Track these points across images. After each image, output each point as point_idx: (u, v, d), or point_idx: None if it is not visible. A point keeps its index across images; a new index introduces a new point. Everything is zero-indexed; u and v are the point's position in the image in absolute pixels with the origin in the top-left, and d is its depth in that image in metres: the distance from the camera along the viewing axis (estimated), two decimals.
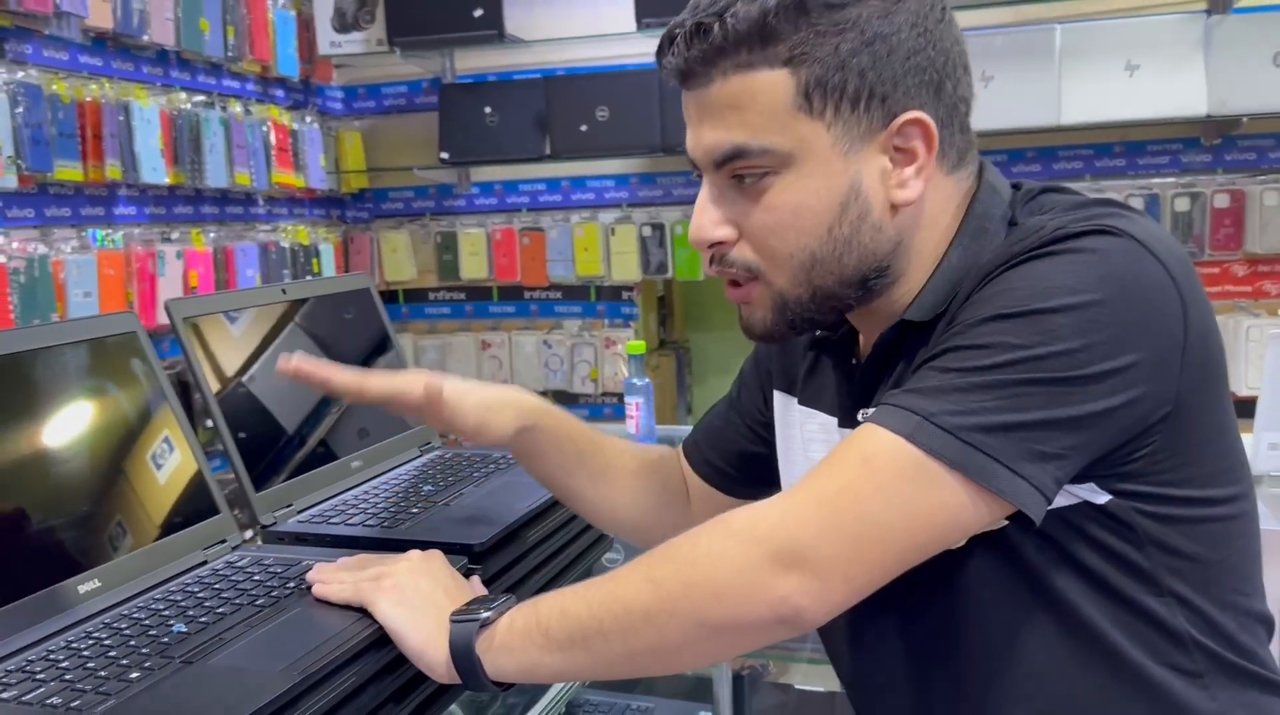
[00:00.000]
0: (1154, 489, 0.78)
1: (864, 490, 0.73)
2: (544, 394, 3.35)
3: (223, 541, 1.04)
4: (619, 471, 1.14)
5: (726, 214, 0.85)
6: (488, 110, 3.10)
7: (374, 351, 1.38)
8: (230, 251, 2.80)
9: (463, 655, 0.83)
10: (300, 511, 1.15)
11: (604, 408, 3.34)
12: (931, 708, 0.88)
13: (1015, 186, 0.90)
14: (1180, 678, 0.81)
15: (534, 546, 1.12)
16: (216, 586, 0.94)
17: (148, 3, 2.48)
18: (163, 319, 2.47)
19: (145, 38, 2.49)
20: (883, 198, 0.83)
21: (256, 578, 0.96)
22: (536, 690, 1.28)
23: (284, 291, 1.26)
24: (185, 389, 1.30)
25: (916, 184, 0.83)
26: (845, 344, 0.96)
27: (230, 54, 2.79)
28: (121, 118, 2.40)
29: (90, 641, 0.83)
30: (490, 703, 1.61)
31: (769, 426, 1.10)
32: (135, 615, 0.88)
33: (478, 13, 2.99)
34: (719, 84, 0.82)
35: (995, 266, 0.79)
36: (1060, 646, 0.80)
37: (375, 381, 1.02)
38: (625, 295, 3.32)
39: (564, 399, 3.38)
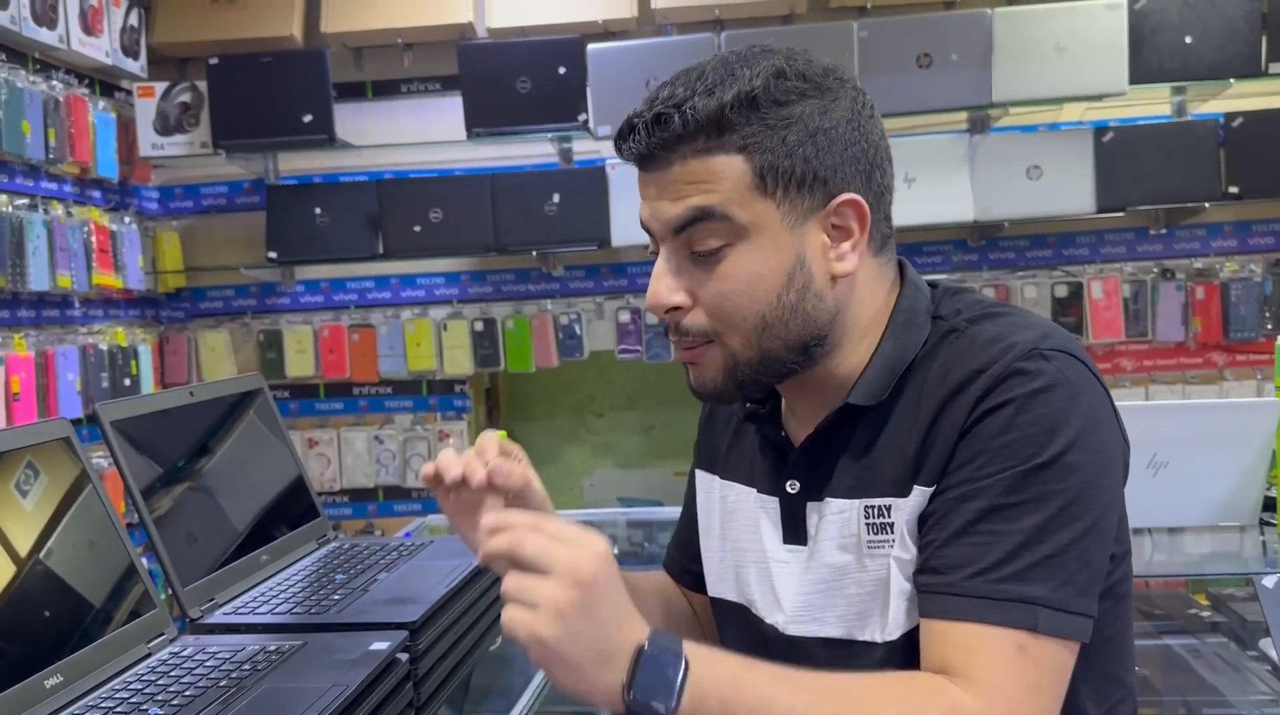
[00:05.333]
0: None
1: (1041, 695, 0.82)
2: (374, 490, 3.39)
3: (161, 635, 1.09)
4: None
5: (682, 283, 0.92)
6: (318, 211, 3.17)
7: (272, 445, 1.44)
8: (50, 355, 2.72)
9: None
10: (222, 605, 1.20)
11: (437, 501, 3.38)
12: None
13: (931, 284, 1.02)
14: None
15: (460, 617, 1.22)
16: (173, 674, 0.99)
17: None
18: None
19: None
20: (824, 270, 0.92)
21: (209, 664, 1.01)
22: None
23: (191, 393, 1.32)
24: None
25: (852, 258, 0.93)
26: (770, 419, 1.03)
27: (51, 156, 2.75)
28: None
29: None
30: None
31: None
32: (105, 704, 0.92)
33: (307, 118, 3.07)
34: (679, 167, 0.90)
35: (983, 392, 0.87)
36: None
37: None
38: (458, 388, 3.42)
39: (397, 494, 3.41)
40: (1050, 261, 3.27)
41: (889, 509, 0.92)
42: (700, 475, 1.15)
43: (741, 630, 1.07)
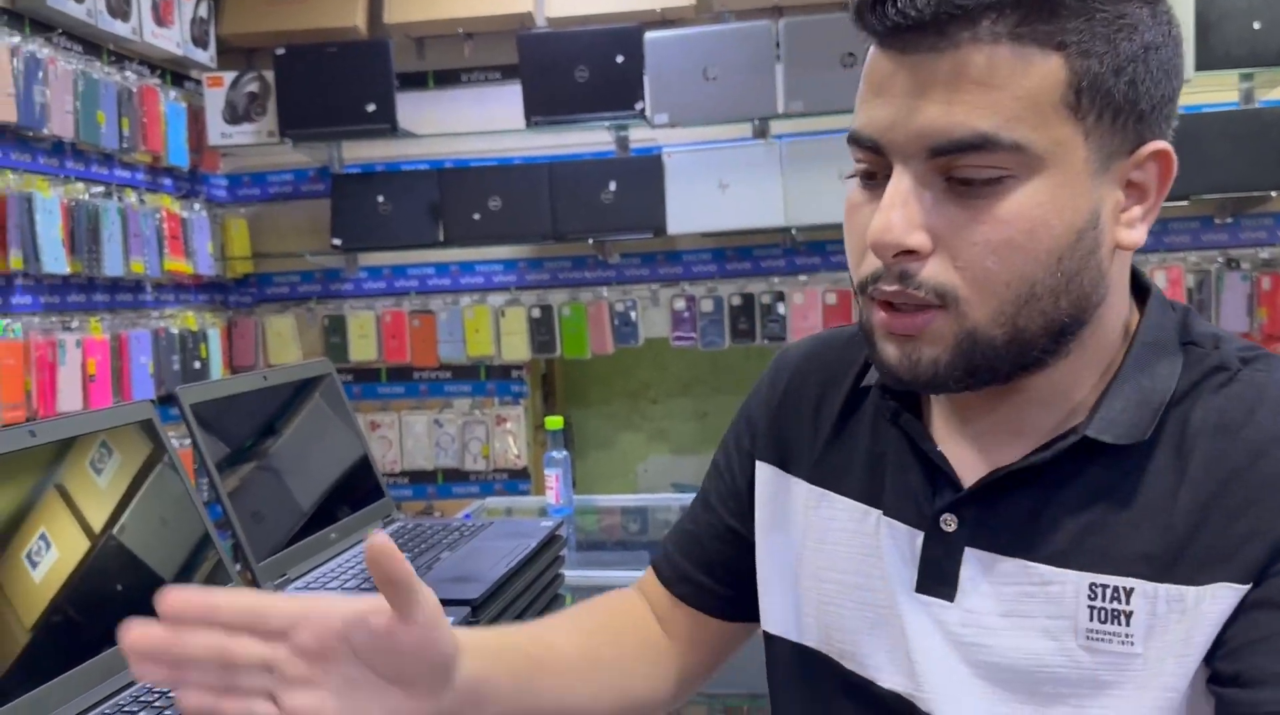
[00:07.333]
0: None
1: None
2: (434, 472, 3.46)
3: None
4: (569, 676, 0.84)
5: (925, 218, 0.66)
6: (380, 199, 3.23)
7: (339, 428, 1.49)
8: (125, 338, 2.82)
9: None
10: (294, 580, 1.25)
11: (494, 484, 3.45)
12: None
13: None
14: None
15: (520, 594, 1.26)
16: None
17: (49, 96, 2.53)
18: (63, 406, 2.48)
19: (46, 130, 2.53)
20: (1110, 236, 0.69)
21: None
22: None
23: (264, 377, 1.37)
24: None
25: (1142, 228, 0.70)
26: (893, 423, 0.79)
27: (125, 145, 2.84)
28: (25, 209, 2.43)
29: (158, 695, 0.92)
30: None
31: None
32: None
33: (371, 107, 3.13)
34: (971, 50, 0.63)
35: None
36: None
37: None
38: (515, 374, 3.47)
39: (455, 477, 3.48)
40: None
41: (1129, 593, 0.68)
42: (766, 470, 0.89)
43: (832, 690, 0.82)
